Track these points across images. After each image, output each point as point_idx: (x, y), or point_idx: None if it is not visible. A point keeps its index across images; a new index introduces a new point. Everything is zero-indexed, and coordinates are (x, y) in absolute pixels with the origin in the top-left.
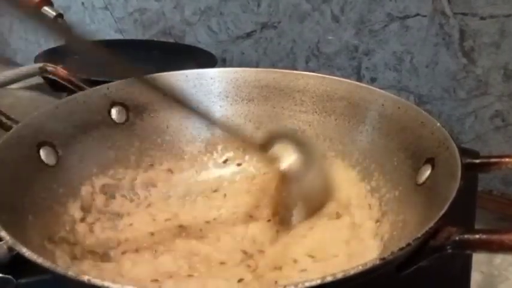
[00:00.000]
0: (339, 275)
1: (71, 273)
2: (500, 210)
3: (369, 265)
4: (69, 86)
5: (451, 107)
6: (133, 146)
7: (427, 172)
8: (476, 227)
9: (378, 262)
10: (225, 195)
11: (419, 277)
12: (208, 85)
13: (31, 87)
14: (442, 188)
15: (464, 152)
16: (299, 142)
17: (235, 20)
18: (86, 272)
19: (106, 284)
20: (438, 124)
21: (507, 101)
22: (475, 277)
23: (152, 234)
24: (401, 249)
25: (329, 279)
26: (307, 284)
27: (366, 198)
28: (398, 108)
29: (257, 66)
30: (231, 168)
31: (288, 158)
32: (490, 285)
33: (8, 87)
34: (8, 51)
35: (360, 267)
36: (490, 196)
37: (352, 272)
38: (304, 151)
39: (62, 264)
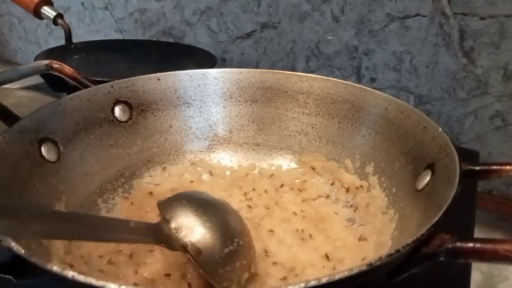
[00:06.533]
0: (324, 280)
1: (55, 268)
2: (500, 210)
3: (355, 270)
4: (75, 83)
5: (451, 107)
6: (136, 145)
7: (426, 178)
8: (476, 227)
9: (364, 268)
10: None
11: (420, 276)
12: (212, 85)
13: (31, 87)
14: (440, 195)
15: (464, 152)
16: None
17: (235, 20)
18: (78, 269)
19: (89, 280)
20: (440, 129)
21: (507, 101)
22: (475, 277)
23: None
24: (390, 255)
25: (313, 283)
26: None
27: (365, 203)
28: (402, 112)
29: (257, 66)
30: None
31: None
32: (490, 285)
33: (8, 87)
34: (8, 51)
35: (346, 272)
36: (490, 196)
37: (337, 277)
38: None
39: (55, 260)
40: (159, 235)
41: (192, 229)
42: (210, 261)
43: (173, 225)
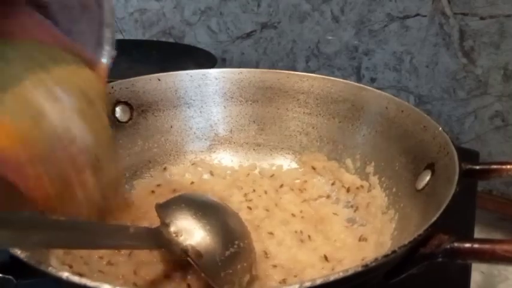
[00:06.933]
0: (318, 281)
1: (50, 269)
2: (500, 210)
3: (350, 272)
4: None
5: (451, 107)
6: (137, 145)
7: (426, 178)
8: (476, 227)
9: (359, 269)
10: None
11: (419, 277)
12: (213, 85)
13: None
14: (439, 195)
15: (464, 152)
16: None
17: (235, 20)
18: (78, 270)
19: (84, 281)
20: (440, 129)
21: (507, 101)
22: (475, 277)
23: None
24: (385, 256)
25: (307, 285)
26: None
27: (366, 203)
28: (402, 111)
29: (257, 66)
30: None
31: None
32: (490, 285)
33: None
34: None
35: (341, 274)
36: (490, 196)
37: (331, 278)
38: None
39: (54, 261)
40: (159, 240)
41: (192, 232)
42: (211, 265)
43: (173, 229)
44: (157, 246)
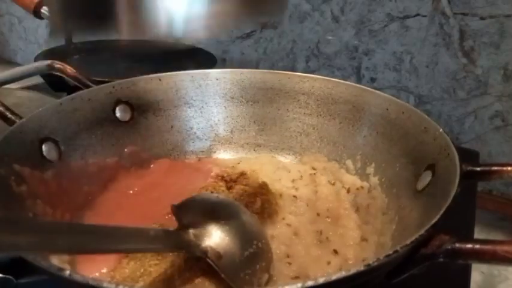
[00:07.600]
0: (321, 280)
1: (52, 267)
2: (500, 210)
3: (352, 271)
4: (76, 83)
5: (451, 107)
6: (137, 145)
7: (427, 179)
8: (476, 227)
9: (362, 268)
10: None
11: (420, 276)
12: (214, 86)
13: (31, 87)
14: (440, 196)
15: (464, 152)
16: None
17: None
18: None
19: (86, 280)
20: (441, 130)
21: (507, 101)
22: (475, 277)
23: None
24: (387, 256)
25: (310, 283)
26: None
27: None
28: (403, 113)
29: (257, 66)
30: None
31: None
32: (490, 285)
33: (9, 87)
34: (8, 51)
35: (343, 273)
36: (490, 196)
37: (333, 278)
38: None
39: (55, 260)
40: (179, 242)
41: (211, 233)
42: (231, 265)
43: (192, 230)
44: (177, 248)
